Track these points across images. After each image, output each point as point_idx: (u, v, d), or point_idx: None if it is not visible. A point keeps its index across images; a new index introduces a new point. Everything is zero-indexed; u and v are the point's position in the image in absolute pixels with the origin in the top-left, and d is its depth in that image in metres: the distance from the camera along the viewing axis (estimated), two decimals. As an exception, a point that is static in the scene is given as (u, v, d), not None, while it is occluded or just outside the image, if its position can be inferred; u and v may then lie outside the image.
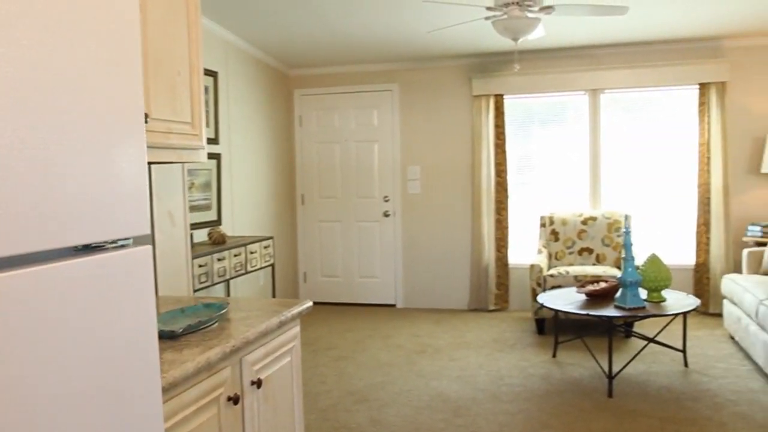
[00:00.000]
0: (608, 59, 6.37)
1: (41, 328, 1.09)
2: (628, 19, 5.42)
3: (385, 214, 7.07)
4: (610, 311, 4.33)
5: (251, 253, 5.36)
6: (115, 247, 1.31)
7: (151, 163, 2.59)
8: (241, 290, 6.08)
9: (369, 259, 7.15)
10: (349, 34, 5.95)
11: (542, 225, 6.40)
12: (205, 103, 4.65)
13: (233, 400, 1.93)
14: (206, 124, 4.94)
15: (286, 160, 7.13)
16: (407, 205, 7.01)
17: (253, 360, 2.07)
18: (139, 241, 1.39)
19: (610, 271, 5.69)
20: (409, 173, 6.99)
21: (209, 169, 5.62)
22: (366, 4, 5.13)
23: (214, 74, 5.66)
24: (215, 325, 2.10)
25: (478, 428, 3.76)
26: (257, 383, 2.07)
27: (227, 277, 4.95)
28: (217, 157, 5.73)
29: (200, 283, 4.56)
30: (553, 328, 5.78)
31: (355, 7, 5.23)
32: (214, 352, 1.81)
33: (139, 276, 1.34)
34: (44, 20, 1.11)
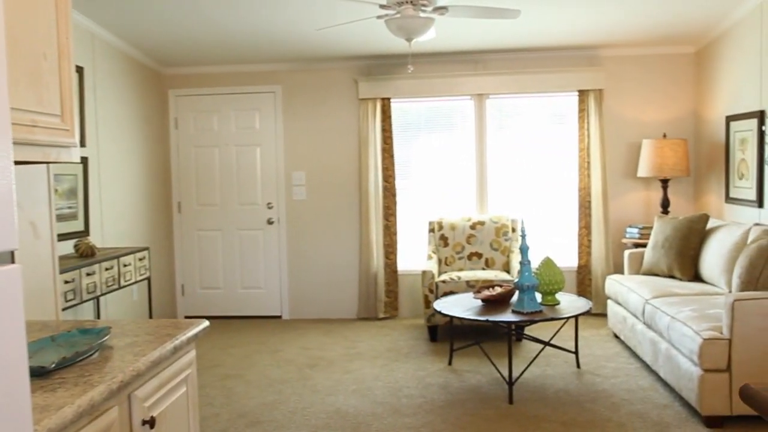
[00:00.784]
0: (493, 65, 6.42)
1: None
2: (513, 25, 5.46)
3: (269, 222, 6.74)
4: (509, 316, 4.28)
5: (125, 266, 4.88)
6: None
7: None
8: (112, 307, 5.54)
9: (252, 269, 6.78)
10: (229, 32, 5.60)
11: (431, 230, 6.33)
12: (70, 100, 4.16)
13: (122, 446, 1.61)
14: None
15: (161, 165, 6.63)
16: (292, 211, 6.72)
17: (144, 395, 1.75)
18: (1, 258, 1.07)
19: (501, 275, 5.70)
20: (294, 179, 6.70)
21: (74, 175, 5.07)
22: (250, -2, 4.82)
23: (79, 70, 5.13)
24: (96, 355, 1.76)
25: (382, 446, 3.56)
26: (150, 422, 1.75)
27: (98, 293, 4.46)
28: (83, 161, 5.19)
29: (66, 302, 4.06)
30: (446, 335, 5.71)
31: (236, 0, 4.90)
32: (98, 391, 1.48)
33: (5, 302, 1.02)
34: None
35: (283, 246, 6.74)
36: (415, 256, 6.60)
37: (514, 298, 4.69)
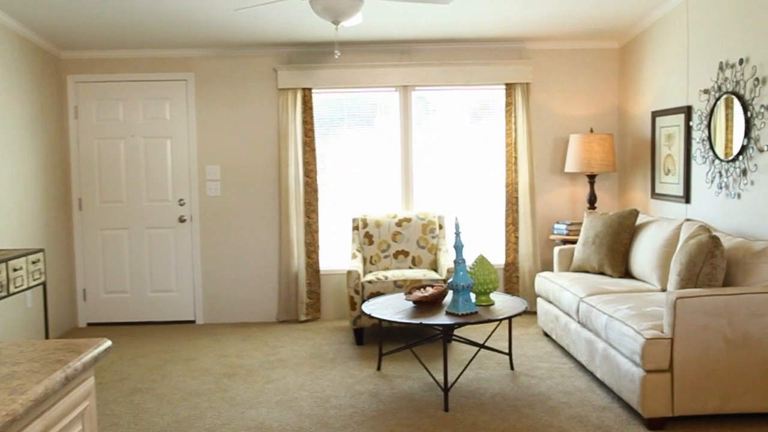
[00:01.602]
0: (420, 56, 6.18)
1: None
2: (442, 14, 5.24)
3: (181, 220, 6.26)
4: (444, 318, 4.05)
5: (15, 270, 4.34)
6: None
7: None
8: (1, 317, 4.95)
9: (163, 271, 6.28)
10: (137, 11, 5.10)
11: (355, 228, 6.04)
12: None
13: None
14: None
15: (58, 158, 6.02)
16: (206, 208, 6.27)
17: (24, 442, 1.37)
18: None
19: (429, 274, 5.47)
20: (208, 173, 6.25)
21: (-45, 167, 4.47)
22: (159, -27, 4.37)
23: (-41, 48, 4.52)
24: (-41, 393, 1.36)
25: (311, 465, 3.24)
26: (32, 477, 1.37)
27: (-18, 302, 3.92)
28: (-35, 152, 4.58)
29: (-57, 314, 3.51)
30: (373, 338, 5.45)
31: (146, -24, 4.45)
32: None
33: None
34: None
35: (196, 245, 6.28)
36: (338, 255, 6.29)
37: (447, 299, 4.47)
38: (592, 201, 5.93)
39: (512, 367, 4.63)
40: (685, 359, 3.48)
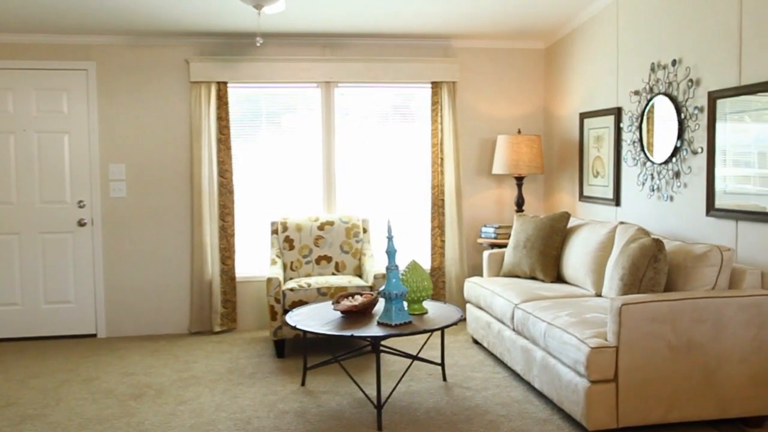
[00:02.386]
0: (344, 51, 5.88)
1: None
2: (367, 7, 4.98)
3: (81, 223, 5.68)
4: (376, 330, 3.75)
5: None
6: None
7: None
8: None
9: (59, 280, 5.68)
10: (29, -10, 4.56)
11: (274, 231, 5.67)
12: None
13: None
14: None
15: (-65, 153, 5.34)
16: (110, 211, 5.72)
17: None
18: None
19: (354, 280, 5.17)
20: (112, 173, 5.71)
21: None
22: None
23: None
24: None
25: (233, 501, 2.86)
26: None
27: None
28: None
29: None
30: (296, 350, 5.10)
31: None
32: None
33: None
34: None
35: (98, 251, 5.72)
36: (256, 261, 5.89)
37: (378, 308, 4.18)
38: (520, 203, 5.81)
39: (445, 378, 4.39)
40: (630, 368, 3.33)
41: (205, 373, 4.65)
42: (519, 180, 5.79)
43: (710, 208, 3.94)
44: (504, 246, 5.62)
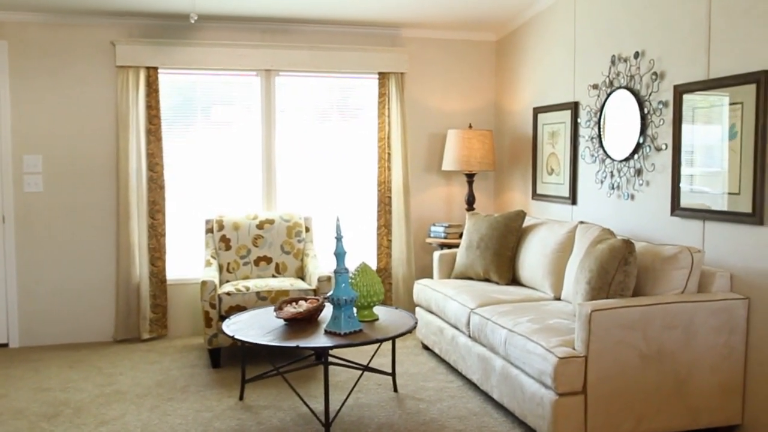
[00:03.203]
0: (285, 37, 5.49)
1: None
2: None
3: (-9, 221, 5.13)
4: (324, 340, 3.41)
5: None
6: None
7: None
8: None
9: (-34, 284, 5.10)
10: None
11: (209, 230, 5.24)
12: None
13: None
14: None
15: None
16: (24, 207, 5.17)
17: None
18: None
19: (297, 284, 4.81)
20: (26, 165, 5.16)
21: None
22: None
23: None
24: None
25: None
26: None
27: None
28: None
29: None
30: (232, 360, 4.70)
31: None
32: None
33: None
34: None
35: (9, 252, 5.16)
36: (189, 263, 5.45)
37: (325, 314, 3.83)
38: (471, 202, 5.56)
39: (396, 389, 4.08)
40: (599, 379, 3.10)
41: (131, 387, 4.20)
42: (470, 177, 5.54)
43: (675, 207, 3.76)
44: (454, 246, 5.36)
